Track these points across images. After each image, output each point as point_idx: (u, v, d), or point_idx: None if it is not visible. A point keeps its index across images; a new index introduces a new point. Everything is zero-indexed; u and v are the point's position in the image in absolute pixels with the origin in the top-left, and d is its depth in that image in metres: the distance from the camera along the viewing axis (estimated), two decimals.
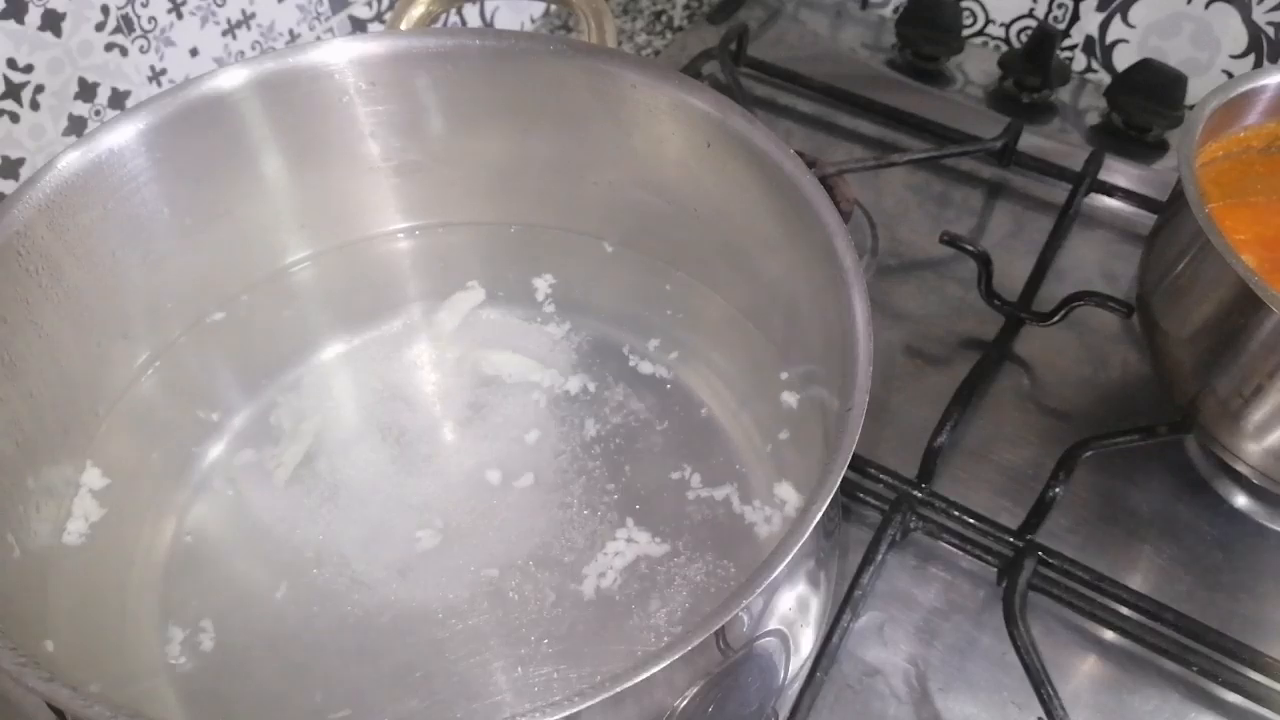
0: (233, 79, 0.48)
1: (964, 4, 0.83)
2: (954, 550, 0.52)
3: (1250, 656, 0.48)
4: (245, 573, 0.48)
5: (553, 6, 0.78)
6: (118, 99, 0.53)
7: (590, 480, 0.51)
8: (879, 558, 0.49)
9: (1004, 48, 0.83)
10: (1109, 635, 0.50)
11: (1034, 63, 0.77)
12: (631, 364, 0.55)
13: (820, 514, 0.34)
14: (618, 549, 0.48)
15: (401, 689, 0.44)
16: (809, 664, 0.44)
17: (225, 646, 0.45)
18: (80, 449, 0.47)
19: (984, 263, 0.60)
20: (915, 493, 0.53)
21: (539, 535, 0.48)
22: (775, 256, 0.48)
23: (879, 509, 0.52)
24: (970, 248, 0.60)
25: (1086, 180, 0.68)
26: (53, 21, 0.49)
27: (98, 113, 0.53)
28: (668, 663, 0.30)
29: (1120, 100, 0.75)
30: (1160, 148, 0.75)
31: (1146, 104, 0.74)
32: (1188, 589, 0.52)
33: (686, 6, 0.85)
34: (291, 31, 0.62)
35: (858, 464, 0.53)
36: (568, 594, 0.46)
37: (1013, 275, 0.63)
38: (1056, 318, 0.59)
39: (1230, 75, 0.76)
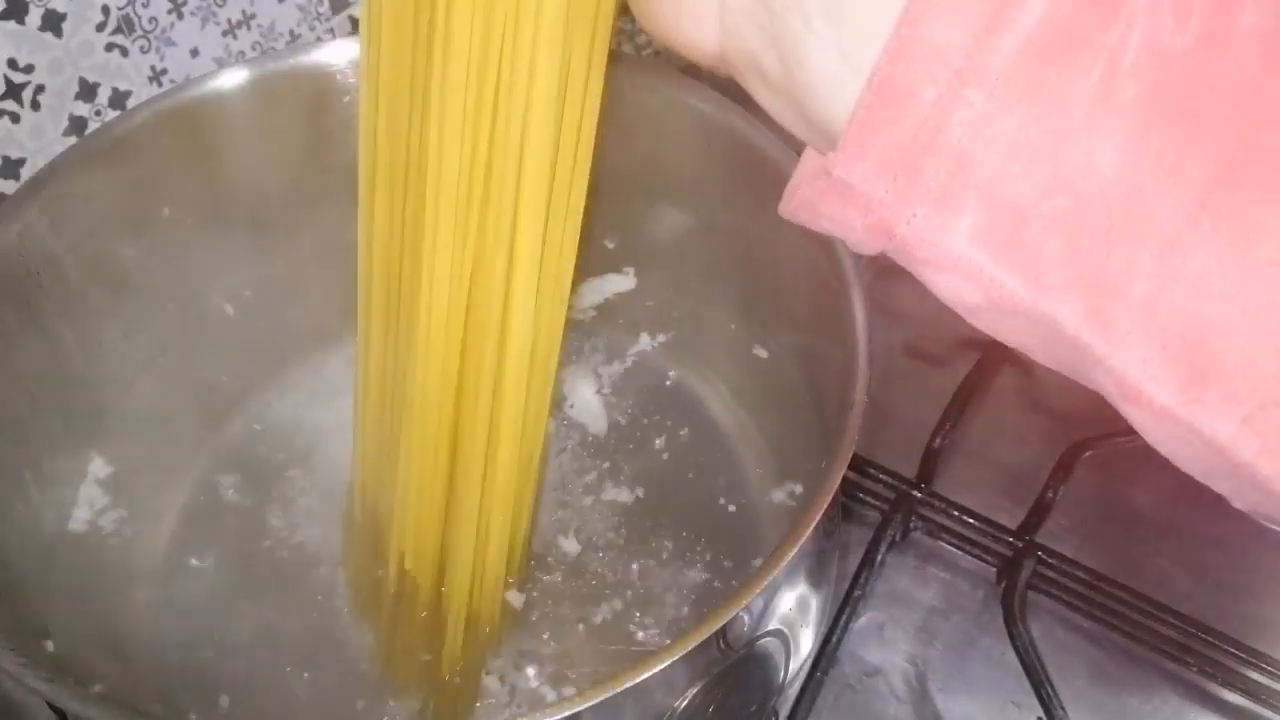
0: (233, 79, 0.48)
1: None
2: (954, 550, 0.52)
3: (1250, 656, 0.48)
4: (245, 569, 0.48)
5: None
6: (118, 99, 0.53)
7: (590, 477, 0.51)
8: (879, 558, 0.49)
9: None
10: (1109, 635, 0.50)
11: None
12: (619, 350, 0.55)
13: (820, 514, 0.34)
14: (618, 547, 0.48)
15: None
16: (809, 664, 0.44)
17: (224, 642, 0.45)
18: (83, 443, 0.47)
19: None
20: (915, 493, 0.53)
21: (538, 536, 0.48)
22: (775, 256, 0.48)
23: (879, 509, 0.52)
24: None
25: None
26: (53, 22, 0.49)
27: (98, 113, 0.53)
28: (668, 663, 0.31)
29: None
30: None
31: None
32: (1187, 589, 0.52)
33: None
34: (292, 32, 0.62)
35: (858, 464, 0.53)
36: (568, 593, 0.47)
37: None
38: None
39: None
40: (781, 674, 0.40)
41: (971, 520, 0.52)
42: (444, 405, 0.38)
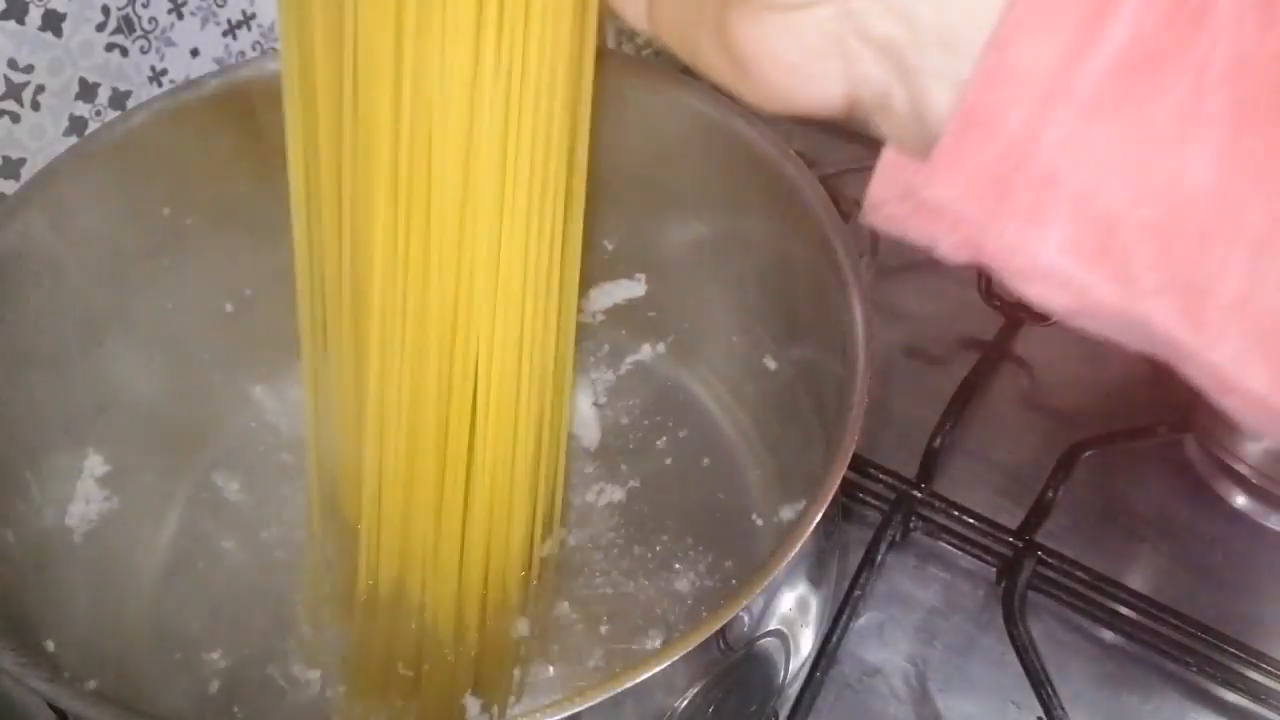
0: (233, 79, 0.48)
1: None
2: (954, 550, 0.52)
3: (1250, 656, 0.48)
4: (244, 569, 0.48)
5: None
6: (118, 99, 0.53)
7: (588, 480, 0.51)
8: (879, 558, 0.49)
9: None
10: (1109, 635, 0.50)
11: None
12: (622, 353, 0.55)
13: (820, 514, 0.34)
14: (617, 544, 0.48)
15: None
16: (809, 664, 0.44)
17: (220, 639, 0.45)
18: (81, 440, 0.47)
19: None
20: (915, 493, 0.53)
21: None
22: (774, 256, 0.48)
23: (879, 509, 0.52)
24: None
25: None
26: (53, 22, 0.49)
27: (98, 113, 0.53)
28: (668, 663, 0.31)
29: None
30: None
31: None
32: (1188, 589, 0.52)
33: None
34: None
35: (858, 464, 0.53)
36: (568, 592, 0.47)
37: None
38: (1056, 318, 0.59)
39: None
40: (781, 674, 0.40)
41: (971, 520, 0.52)
42: (428, 410, 0.38)
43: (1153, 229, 0.23)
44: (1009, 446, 0.57)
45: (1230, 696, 0.48)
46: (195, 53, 0.57)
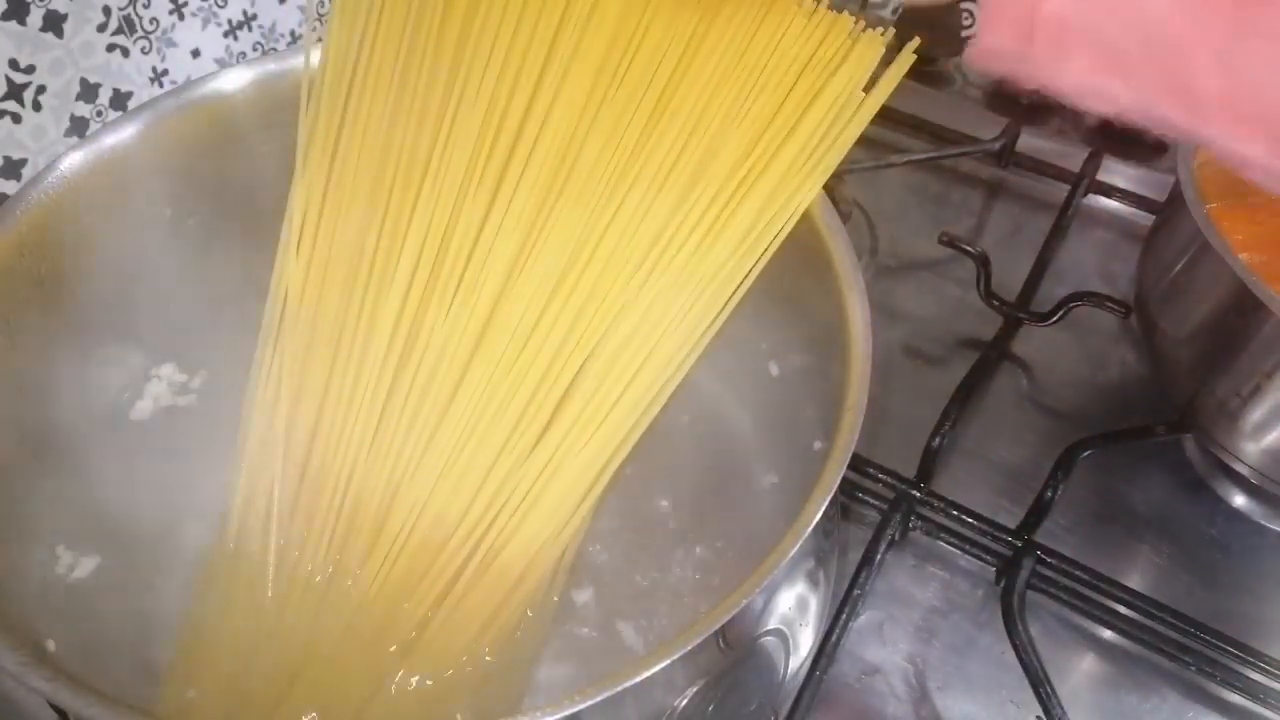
0: (234, 80, 0.48)
1: (963, 5, 0.82)
2: (953, 550, 0.52)
3: (1249, 656, 0.48)
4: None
5: None
6: (119, 100, 0.54)
7: None
8: (878, 557, 0.49)
9: None
10: (1107, 634, 0.50)
11: None
12: None
13: (820, 514, 0.34)
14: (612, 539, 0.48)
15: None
16: (808, 663, 0.44)
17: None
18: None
19: (983, 263, 0.60)
20: (914, 492, 0.53)
21: None
22: (774, 256, 0.48)
23: (878, 509, 0.52)
24: (969, 248, 0.61)
25: (1085, 181, 0.68)
26: (54, 22, 0.49)
27: (99, 114, 0.53)
28: (668, 662, 0.31)
29: None
30: (1159, 149, 0.75)
31: None
32: (1186, 588, 0.52)
33: None
34: (293, 33, 0.62)
35: (857, 464, 0.53)
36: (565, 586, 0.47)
37: (1011, 275, 0.63)
38: (1055, 318, 0.59)
39: None
40: (781, 673, 0.40)
41: (970, 520, 0.52)
42: None
43: (1143, 50, 0.32)
44: (1008, 446, 0.57)
45: (1229, 696, 0.48)
46: (196, 53, 0.57)
